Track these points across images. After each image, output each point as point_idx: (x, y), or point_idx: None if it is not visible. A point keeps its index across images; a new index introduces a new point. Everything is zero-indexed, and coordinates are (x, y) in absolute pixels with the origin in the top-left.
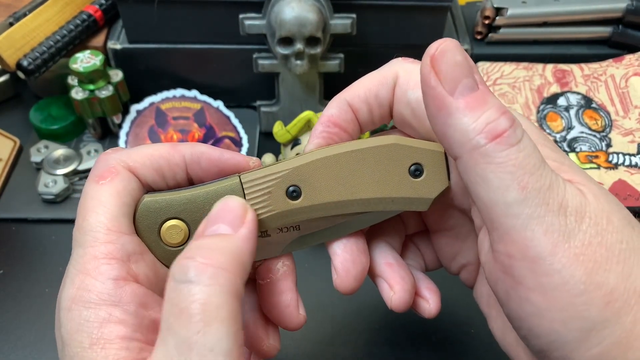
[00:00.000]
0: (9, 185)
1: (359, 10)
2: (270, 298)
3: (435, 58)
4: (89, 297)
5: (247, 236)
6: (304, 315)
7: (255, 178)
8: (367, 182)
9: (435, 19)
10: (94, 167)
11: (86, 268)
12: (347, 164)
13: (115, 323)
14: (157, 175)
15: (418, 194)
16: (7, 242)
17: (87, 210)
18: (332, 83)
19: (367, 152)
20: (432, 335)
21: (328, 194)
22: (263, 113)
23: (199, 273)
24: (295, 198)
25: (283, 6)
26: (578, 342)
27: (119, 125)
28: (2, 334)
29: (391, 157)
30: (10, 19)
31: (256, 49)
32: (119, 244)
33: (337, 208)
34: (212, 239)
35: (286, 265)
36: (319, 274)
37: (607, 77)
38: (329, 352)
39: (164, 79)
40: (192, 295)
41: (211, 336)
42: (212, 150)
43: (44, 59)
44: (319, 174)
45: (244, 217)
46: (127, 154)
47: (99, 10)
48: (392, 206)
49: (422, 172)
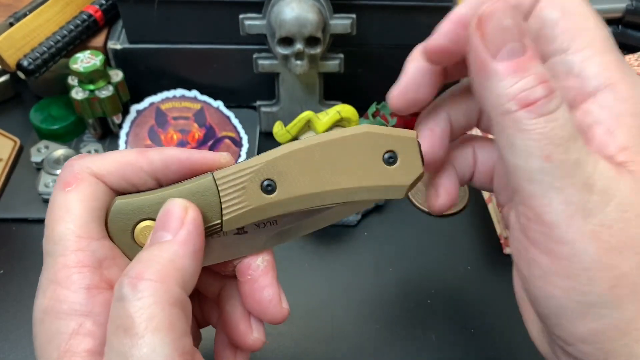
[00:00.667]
0: (9, 185)
1: (358, 10)
2: (253, 294)
3: (481, 19)
4: (61, 308)
5: (186, 238)
6: (287, 308)
7: (228, 174)
8: (341, 172)
9: (436, 19)
10: (60, 174)
11: (57, 278)
12: (320, 155)
13: (85, 335)
14: (124, 181)
15: (393, 182)
16: (7, 242)
17: (55, 219)
18: (332, 83)
19: (340, 143)
20: (432, 335)
21: (303, 186)
22: (263, 113)
23: (131, 288)
24: (271, 192)
25: (283, 6)
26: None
27: (119, 125)
28: (2, 334)
29: (364, 146)
30: (10, 19)
31: (256, 49)
32: (90, 250)
33: (313, 200)
34: (149, 250)
35: (266, 261)
36: (319, 273)
37: None
38: (329, 352)
39: (164, 79)
40: (125, 311)
41: (146, 347)
42: (181, 152)
43: (44, 59)
44: (293, 167)
45: (184, 219)
46: (92, 160)
47: (99, 11)
48: (368, 195)
49: (396, 160)
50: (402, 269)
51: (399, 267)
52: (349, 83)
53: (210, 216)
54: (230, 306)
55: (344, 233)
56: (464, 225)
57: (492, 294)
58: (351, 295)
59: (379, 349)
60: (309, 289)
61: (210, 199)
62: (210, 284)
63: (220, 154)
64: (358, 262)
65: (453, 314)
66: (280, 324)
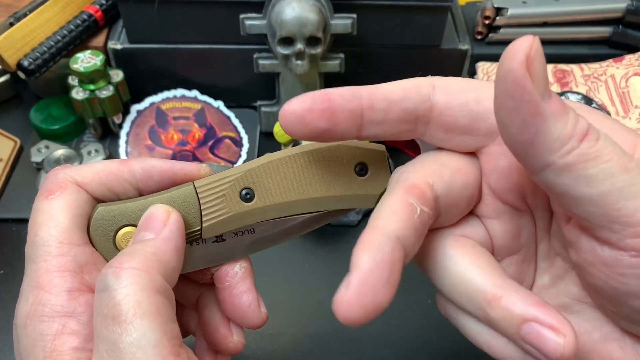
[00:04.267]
0: (10, 185)
1: (359, 10)
2: (232, 300)
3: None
4: (43, 311)
5: (168, 236)
6: (265, 312)
7: (209, 182)
8: (316, 182)
9: (436, 19)
10: (43, 184)
11: (39, 282)
12: (296, 165)
13: (69, 334)
14: (107, 190)
15: (364, 191)
16: (8, 242)
17: (38, 225)
18: (333, 83)
19: (315, 154)
20: (433, 335)
21: (280, 194)
22: (263, 113)
23: (115, 277)
24: (249, 200)
25: (283, 6)
26: None
27: (119, 125)
28: (3, 334)
29: (337, 158)
30: (10, 19)
31: (257, 49)
32: (71, 255)
33: (289, 208)
34: (132, 246)
35: (244, 268)
36: (319, 273)
37: (607, 77)
38: (328, 351)
39: (165, 79)
40: (112, 299)
41: (135, 333)
42: (163, 163)
43: (45, 59)
44: (271, 176)
45: (166, 221)
46: (76, 170)
47: (99, 11)
48: (341, 204)
49: (367, 171)
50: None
51: None
52: (350, 83)
53: (190, 222)
54: (209, 312)
55: (344, 233)
56: None
57: None
58: None
59: (379, 348)
60: (309, 289)
61: (191, 206)
62: (188, 292)
63: (199, 165)
64: None
65: None
66: (280, 325)
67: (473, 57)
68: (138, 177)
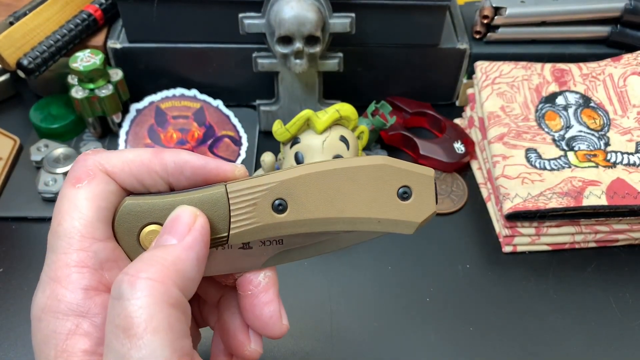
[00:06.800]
0: (9, 184)
1: (358, 9)
2: (253, 309)
3: None
4: (58, 307)
5: (190, 244)
6: (287, 324)
7: (241, 188)
8: (354, 201)
9: (434, 18)
10: (72, 168)
11: (57, 276)
12: (335, 181)
13: (81, 335)
14: (136, 182)
15: (405, 217)
16: (7, 241)
17: (62, 214)
18: (332, 82)
19: (356, 171)
20: (431, 333)
21: (314, 210)
22: (262, 112)
23: (130, 287)
24: (281, 212)
25: (282, 5)
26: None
27: (118, 124)
28: (2, 332)
29: (380, 178)
30: (10, 18)
31: (255, 48)
32: (92, 251)
33: (323, 225)
34: (152, 251)
35: (268, 277)
36: (319, 272)
37: (606, 77)
38: (328, 350)
39: (164, 78)
40: (124, 310)
41: (145, 349)
42: (197, 158)
43: (44, 58)
44: (307, 189)
45: (192, 225)
46: (107, 157)
47: (98, 10)
48: (378, 227)
49: (410, 195)
50: (402, 268)
51: (398, 266)
52: (348, 82)
53: (217, 227)
54: (229, 315)
55: None
56: (462, 224)
57: (490, 292)
58: (351, 294)
59: (378, 347)
60: (309, 288)
61: (220, 211)
62: (211, 291)
63: (235, 166)
64: (357, 261)
65: (452, 312)
66: None
67: (471, 57)
68: (170, 171)
